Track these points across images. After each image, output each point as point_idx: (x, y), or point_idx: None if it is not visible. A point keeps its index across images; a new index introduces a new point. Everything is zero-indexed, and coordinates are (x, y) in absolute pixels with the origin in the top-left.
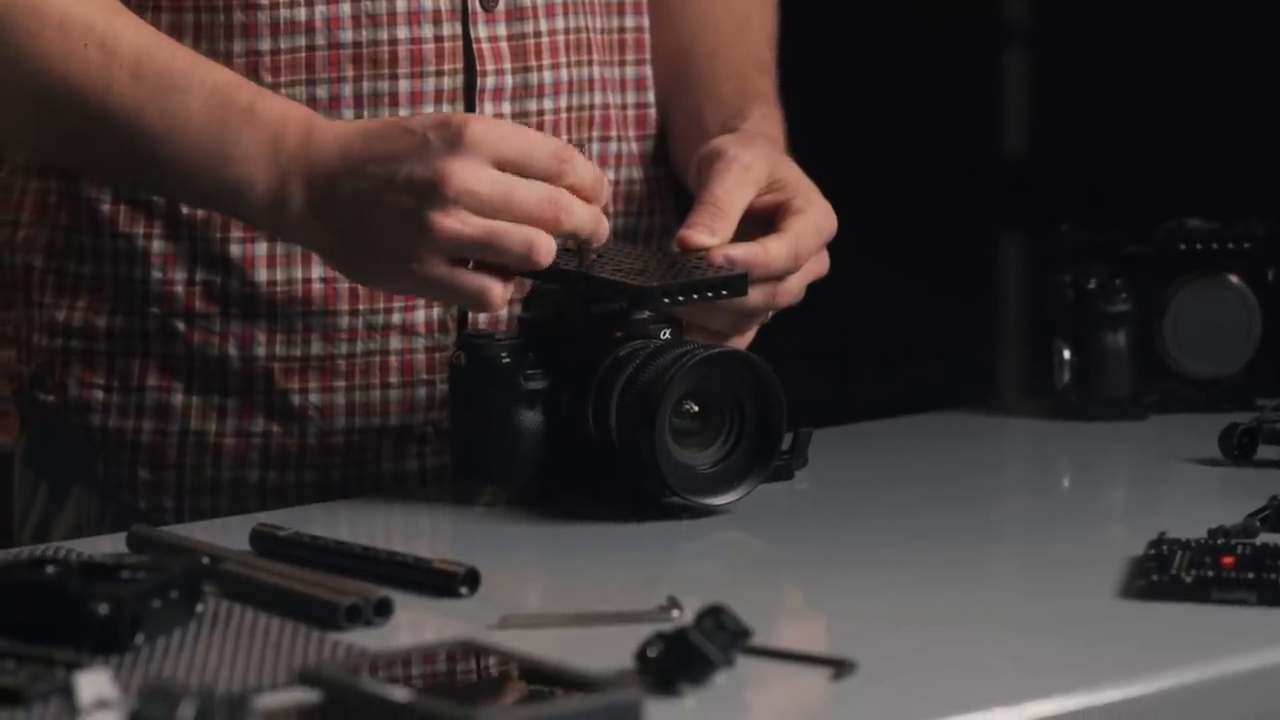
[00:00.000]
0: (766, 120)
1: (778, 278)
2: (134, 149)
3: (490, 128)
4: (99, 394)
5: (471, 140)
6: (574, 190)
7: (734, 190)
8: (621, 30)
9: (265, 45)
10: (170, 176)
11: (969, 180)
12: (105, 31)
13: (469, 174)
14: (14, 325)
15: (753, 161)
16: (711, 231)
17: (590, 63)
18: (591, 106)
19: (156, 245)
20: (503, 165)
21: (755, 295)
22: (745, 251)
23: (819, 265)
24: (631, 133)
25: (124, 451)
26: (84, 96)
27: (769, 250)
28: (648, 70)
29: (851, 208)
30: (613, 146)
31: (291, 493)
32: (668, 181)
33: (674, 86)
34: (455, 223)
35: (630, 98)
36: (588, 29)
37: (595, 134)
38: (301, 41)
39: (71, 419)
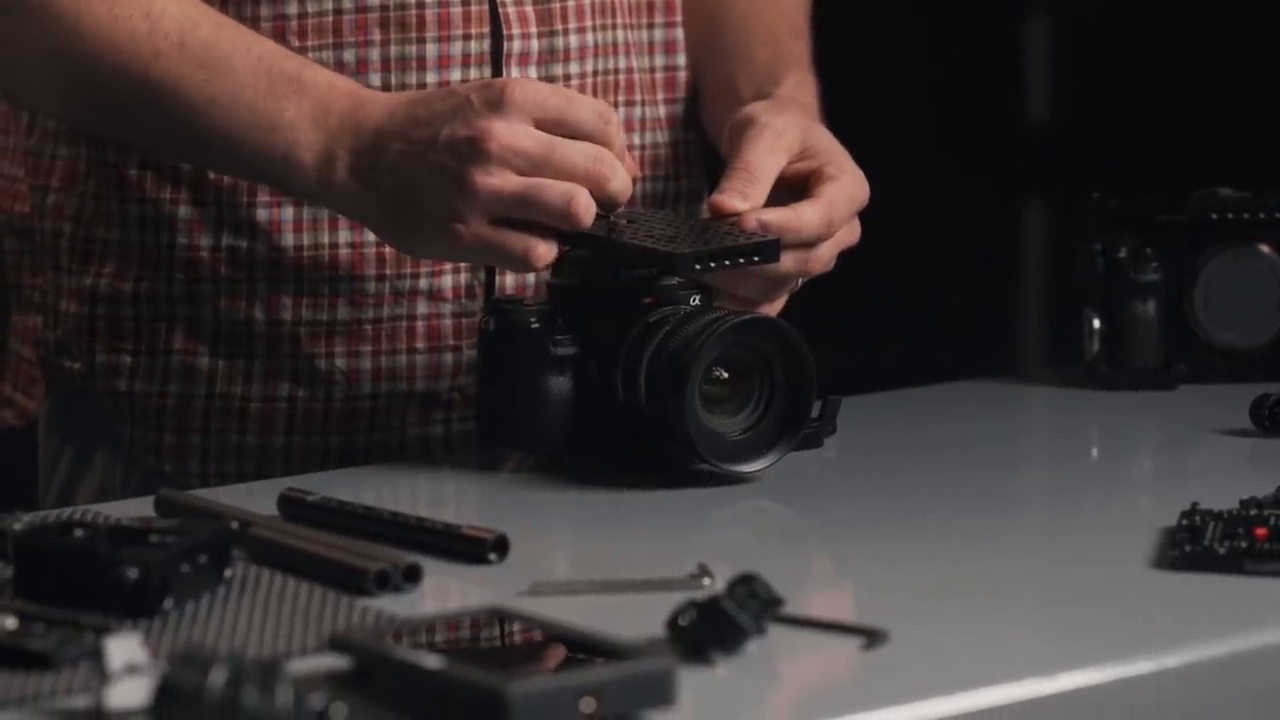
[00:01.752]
0: (800, 87)
1: (809, 244)
2: (180, 119)
3: (533, 88)
4: (126, 359)
5: (513, 100)
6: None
7: (766, 156)
8: None
9: (292, 9)
10: (216, 147)
11: (992, 149)
12: (150, 3)
13: (510, 132)
14: (41, 292)
15: (785, 128)
16: (743, 197)
17: (615, 26)
18: (616, 70)
19: (183, 211)
20: (545, 125)
21: (787, 261)
22: (778, 216)
23: (850, 233)
24: (660, 96)
25: (150, 416)
26: (129, 67)
27: (801, 215)
28: (677, 33)
29: (875, 177)
30: (638, 111)
31: (316, 457)
32: (697, 145)
33: (706, 50)
34: (496, 180)
35: (659, 60)
36: None
37: (620, 98)
38: (329, 5)
39: (98, 385)
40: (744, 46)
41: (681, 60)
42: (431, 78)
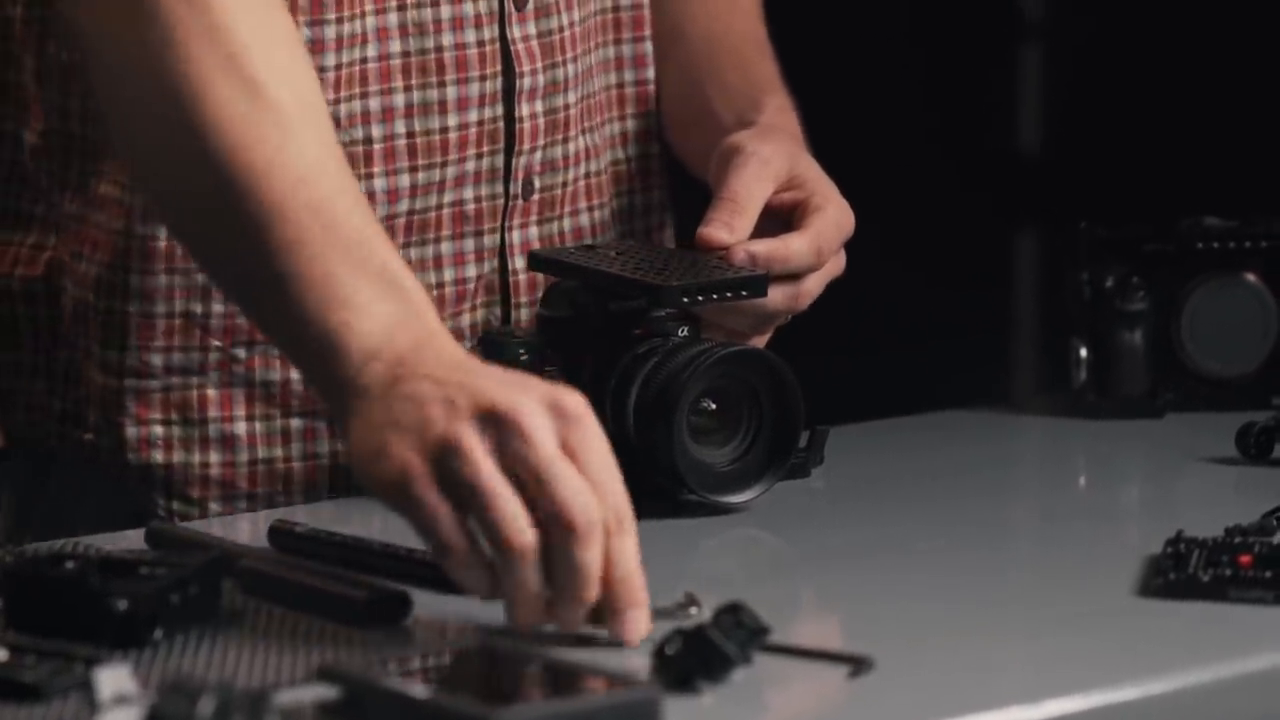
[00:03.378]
0: (781, 112)
1: (798, 276)
2: (259, 258)
3: (519, 420)
4: (157, 429)
5: (499, 419)
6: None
7: (752, 186)
8: (616, 9)
9: (330, 60)
10: (277, 301)
11: (984, 177)
12: (285, 133)
13: (470, 442)
14: (52, 360)
15: (771, 157)
16: (730, 228)
17: (592, 49)
18: (593, 93)
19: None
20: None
21: (776, 296)
22: (767, 247)
23: (836, 264)
24: (630, 110)
25: (193, 487)
26: (242, 189)
27: (790, 246)
28: (646, 46)
29: (866, 204)
30: (609, 128)
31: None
32: (661, 158)
33: (674, 66)
34: (433, 501)
35: (628, 75)
36: (590, 15)
37: (596, 119)
38: (357, 55)
39: (128, 458)
40: (714, 69)
41: (651, 74)
42: (452, 120)
